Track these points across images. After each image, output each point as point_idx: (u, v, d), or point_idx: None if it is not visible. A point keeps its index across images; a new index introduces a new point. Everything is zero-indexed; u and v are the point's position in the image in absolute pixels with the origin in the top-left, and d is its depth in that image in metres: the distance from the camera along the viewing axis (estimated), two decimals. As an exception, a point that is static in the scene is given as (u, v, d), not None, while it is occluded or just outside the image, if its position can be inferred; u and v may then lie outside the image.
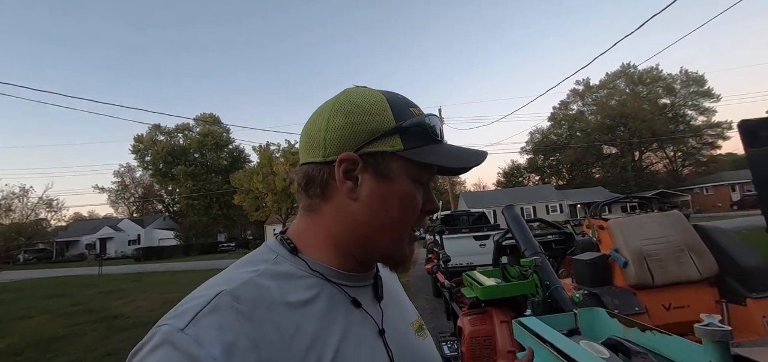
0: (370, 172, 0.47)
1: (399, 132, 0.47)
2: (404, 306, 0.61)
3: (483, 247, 6.92)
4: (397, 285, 0.65)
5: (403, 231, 0.49)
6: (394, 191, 0.47)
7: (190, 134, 45.18)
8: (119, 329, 6.29)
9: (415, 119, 0.48)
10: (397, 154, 0.47)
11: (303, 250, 0.49)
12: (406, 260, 0.52)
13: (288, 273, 0.46)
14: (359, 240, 0.49)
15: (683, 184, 40.73)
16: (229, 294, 0.40)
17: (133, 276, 16.21)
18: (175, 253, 33.85)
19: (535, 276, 1.40)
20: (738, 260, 2.18)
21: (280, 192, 28.07)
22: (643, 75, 47.85)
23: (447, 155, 0.50)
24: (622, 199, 3.10)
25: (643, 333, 0.89)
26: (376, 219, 0.48)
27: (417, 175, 0.49)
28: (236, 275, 0.44)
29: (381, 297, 0.54)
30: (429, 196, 0.52)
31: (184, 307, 0.39)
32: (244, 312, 0.39)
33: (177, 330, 0.36)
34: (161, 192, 52.25)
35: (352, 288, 0.50)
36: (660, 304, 2.22)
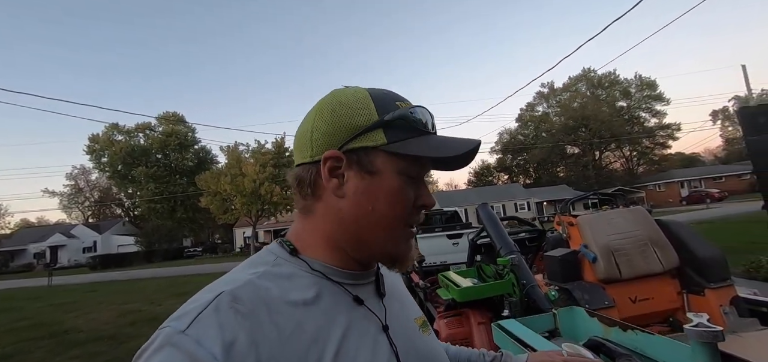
0: (355, 168, 0.47)
1: (382, 126, 0.47)
2: (407, 304, 0.60)
3: (456, 246, 6.99)
4: (400, 283, 0.64)
5: (393, 226, 0.49)
6: (380, 186, 0.47)
7: (152, 134, 42.75)
8: (71, 344, 5.78)
9: (397, 112, 0.47)
10: (380, 149, 0.47)
11: (302, 251, 0.50)
12: (401, 257, 0.50)
13: (288, 274, 0.47)
14: (351, 237, 0.49)
15: (638, 181, 43.56)
16: (229, 295, 0.41)
17: (87, 286, 15.09)
18: (136, 260, 31.93)
19: (512, 276, 1.37)
20: (697, 252, 2.29)
21: (249, 193, 27.12)
22: (602, 79, 50.75)
23: (433, 146, 0.48)
24: (588, 196, 3.21)
25: (624, 332, 0.86)
26: (363, 216, 0.48)
27: (405, 169, 0.48)
28: (237, 277, 0.45)
29: (383, 293, 0.54)
30: (422, 191, 0.50)
31: (185, 309, 0.40)
32: (244, 312, 0.40)
33: (178, 331, 0.37)
34: (120, 195, 49.15)
35: (353, 286, 0.50)
36: (627, 297, 2.29)
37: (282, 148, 32.47)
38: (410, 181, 0.49)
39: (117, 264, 29.69)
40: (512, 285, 1.37)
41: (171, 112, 43.86)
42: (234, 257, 30.28)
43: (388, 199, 0.47)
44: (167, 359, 0.35)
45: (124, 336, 6.12)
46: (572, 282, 2.37)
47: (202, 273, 16.62)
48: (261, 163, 28.54)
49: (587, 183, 44.60)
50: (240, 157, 30.40)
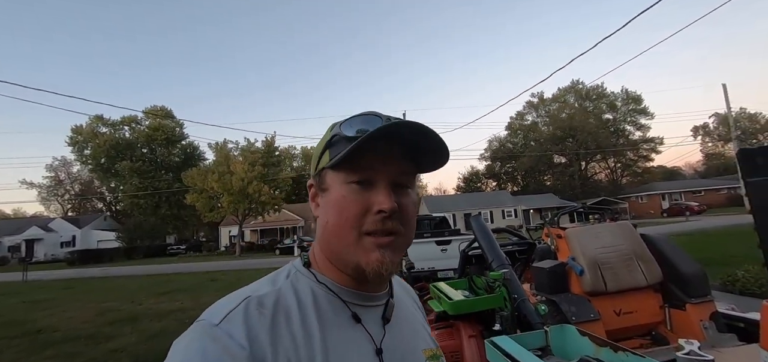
0: (318, 189, 0.55)
1: (327, 147, 0.53)
2: (418, 334, 0.61)
3: (445, 252, 7.01)
4: (417, 312, 0.66)
5: (344, 235, 0.50)
6: (331, 199, 0.51)
7: (138, 127, 41.78)
8: (45, 344, 5.57)
9: (333, 131, 0.53)
10: (327, 168, 0.52)
11: (313, 266, 0.55)
12: (364, 267, 0.50)
13: (301, 285, 0.52)
14: (326, 252, 0.54)
15: (622, 193, 44.60)
16: (256, 300, 0.48)
17: (64, 282, 14.60)
18: (117, 257, 31.07)
19: (504, 290, 1.38)
20: (679, 268, 2.35)
21: (237, 192, 26.72)
22: (590, 91, 51.94)
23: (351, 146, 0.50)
24: (576, 208, 3.27)
25: (615, 353, 0.87)
26: (324, 231, 0.53)
27: (347, 177, 0.50)
28: (262, 286, 0.51)
29: (388, 319, 0.55)
30: (379, 196, 0.50)
31: (219, 308, 0.47)
32: (266, 316, 0.46)
33: (212, 324, 0.44)
34: (102, 189, 47.85)
35: (355, 305, 0.53)
36: (612, 310, 2.34)
37: (272, 147, 32.15)
38: (360, 188, 0.50)
39: (96, 260, 28.82)
40: (504, 299, 1.38)
41: (159, 106, 43.00)
42: (219, 256, 29.75)
43: (335, 209, 0.51)
44: (204, 345, 0.42)
45: (103, 336, 5.93)
46: (559, 294, 2.40)
47: (185, 272, 16.28)
48: (250, 162, 28.16)
49: (573, 192, 45.47)
50: (229, 154, 29.97)
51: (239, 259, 24.35)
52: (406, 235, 0.52)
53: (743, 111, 49.72)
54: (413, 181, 0.55)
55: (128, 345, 5.32)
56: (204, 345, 0.42)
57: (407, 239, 0.53)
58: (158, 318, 7.05)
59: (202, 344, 0.42)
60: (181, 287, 11.24)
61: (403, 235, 0.51)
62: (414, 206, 0.54)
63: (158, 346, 5.17)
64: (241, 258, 25.57)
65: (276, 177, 31.54)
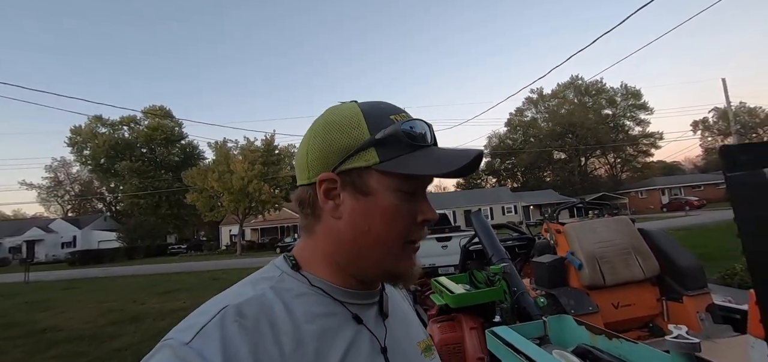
0: (349, 189, 0.47)
1: (374, 145, 0.46)
2: (411, 325, 0.60)
3: (445, 249, 7.05)
4: (405, 303, 0.64)
5: (392, 245, 0.48)
6: (375, 206, 0.46)
7: (138, 127, 41.77)
8: (48, 344, 5.62)
9: (389, 129, 0.46)
10: (373, 168, 0.46)
11: (304, 267, 0.50)
12: (403, 275, 0.50)
13: (291, 290, 0.47)
14: (350, 257, 0.49)
15: (622, 188, 44.70)
16: (234, 309, 0.41)
17: (66, 282, 14.65)
18: (118, 256, 31.12)
19: (504, 283, 1.42)
20: (676, 261, 2.39)
21: (237, 191, 26.76)
22: (589, 87, 51.97)
23: (430, 161, 0.46)
24: (575, 204, 3.32)
25: (610, 340, 0.91)
26: (360, 236, 0.47)
27: (400, 186, 0.46)
28: (242, 292, 0.45)
29: (386, 315, 0.53)
30: (423, 206, 0.49)
31: (190, 322, 0.41)
32: (247, 327, 0.41)
33: (182, 343, 0.38)
34: (102, 189, 47.88)
35: (354, 306, 0.50)
36: (610, 303, 2.38)
37: (272, 145, 32.19)
38: (408, 197, 0.47)
39: (97, 261, 28.88)
40: (504, 292, 1.42)
41: (158, 106, 42.97)
42: (219, 255, 29.81)
43: (385, 219, 0.46)
44: None
45: (106, 335, 5.97)
46: (559, 287, 2.44)
47: (186, 271, 16.33)
48: (250, 161, 28.19)
49: (572, 188, 45.54)
50: (228, 153, 29.99)
51: (240, 258, 24.41)
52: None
53: (743, 105, 49.77)
54: None
55: (132, 345, 5.37)
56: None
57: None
58: (161, 317, 7.10)
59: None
60: (183, 286, 11.30)
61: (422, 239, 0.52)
62: None
63: (162, 344, 5.23)
64: (243, 256, 25.64)
65: (276, 175, 31.57)
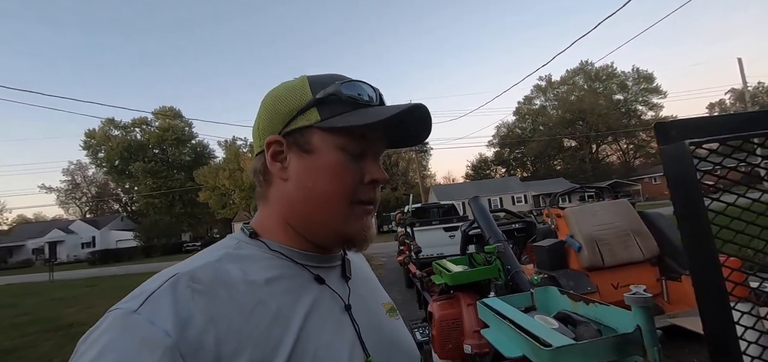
0: (294, 150, 0.48)
1: (315, 104, 0.47)
2: (375, 289, 0.62)
3: (452, 238, 7.14)
4: (368, 269, 0.65)
5: (336, 202, 0.48)
6: (318, 163, 0.47)
7: (149, 129, 42.63)
8: (75, 337, 5.69)
9: (329, 89, 0.47)
10: (315, 127, 0.47)
11: (262, 235, 0.50)
12: (354, 236, 0.50)
13: (248, 256, 0.47)
14: (301, 218, 0.49)
15: (635, 174, 43.90)
16: (186, 275, 0.40)
17: (88, 280, 15.21)
18: (135, 255, 32.00)
19: (498, 262, 1.51)
20: (674, 241, 2.44)
21: (248, 188, 27.24)
22: (599, 72, 50.88)
23: (363, 115, 0.47)
24: (577, 190, 3.37)
25: (587, 306, 1.01)
26: (306, 196, 0.48)
27: (344, 144, 0.47)
28: (195, 260, 0.45)
29: (348, 276, 0.55)
30: (372, 166, 0.50)
31: (138, 291, 0.39)
32: (201, 291, 0.40)
33: (130, 311, 0.36)
34: (117, 190, 49.09)
35: (315, 268, 0.50)
36: (609, 283, 2.45)
37: (280, 142, 32.47)
38: (354, 158, 0.48)
39: (116, 259, 29.77)
40: (498, 270, 1.51)
41: (167, 107, 43.73)
42: (233, 251, 30.38)
43: (328, 176, 0.47)
44: (113, 341, 0.34)
45: (129, 328, 6.26)
46: (559, 270, 2.52)
47: (201, 268, 16.71)
48: (259, 158, 28.54)
49: (584, 176, 44.90)
50: (238, 151, 30.45)
51: (253, 254, 24.85)
52: (377, 204, 0.53)
53: (761, 85, 48.19)
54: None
55: (153, 336, 5.63)
56: (115, 339, 0.34)
57: (377, 208, 0.53)
58: (179, 310, 7.38)
59: (112, 338, 0.34)
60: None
61: (377, 204, 0.52)
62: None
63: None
64: (255, 252, 26.08)
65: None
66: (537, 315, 1.03)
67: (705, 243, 0.39)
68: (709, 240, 0.38)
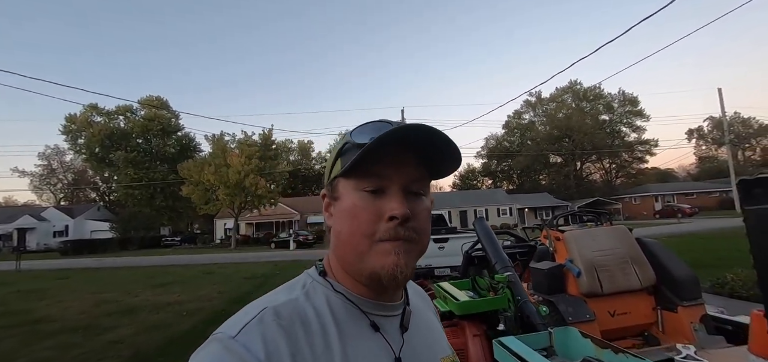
0: (331, 199, 0.55)
1: (339, 156, 0.53)
2: (437, 341, 0.61)
3: (442, 250, 7.09)
4: (435, 320, 0.66)
5: (357, 243, 0.50)
6: (343, 208, 0.51)
7: (133, 117, 41.38)
8: (44, 334, 5.59)
9: (345, 139, 0.53)
10: (339, 176, 0.52)
11: (329, 274, 0.55)
12: (381, 273, 0.48)
13: (319, 295, 0.52)
14: (340, 260, 0.53)
15: (616, 194, 45.06)
16: (272, 310, 0.46)
17: (59, 272, 14.55)
18: (110, 247, 30.92)
19: (508, 292, 1.45)
20: (672, 271, 2.44)
21: (233, 185, 26.64)
22: (587, 92, 52.29)
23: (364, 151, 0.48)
24: (575, 212, 3.36)
25: (616, 355, 0.94)
26: (336, 239, 0.53)
27: (359, 185, 0.50)
28: (278, 296, 0.50)
29: (405, 328, 0.55)
30: (391, 202, 0.49)
31: (234, 320, 0.46)
32: (284, 327, 0.45)
33: (229, 337, 0.43)
34: (96, 179, 47.47)
35: (373, 315, 0.52)
36: (606, 311, 2.42)
37: (269, 140, 32.02)
38: (372, 196, 0.49)
39: (90, 251, 28.69)
40: (508, 300, 1.44)
41: (154, 97, 42.59)
42: (213, 248, 29.72)
43: (347, 217, 0.50)
44: (220, 358, 0.42)
45: (101, 327, 5.95)
46: (557, 294, 2.48)
47: (180, 264, 16.27)
48: (247, 155, 28.03)
49: (567, 192, 45.86)
50: (225, 147, 29.80)
51: (235, 252, 24.34)
52: (421, 242, 0.51)
53: (737, 115, 50.35)
54: (427, 187, 0.54)
55: (126, 337, 5.35)
56: (220, 358, 0.41)
57: (422, 246, 0.51)
58: (155, 310, 7.08)
59: (218, 357, 0.41)
60: (178, 279, 11.25)
61: (417, 242, 0.50)
62: (428, 212, 0.53)
63: (157, 338, 5.22)
64: (237, 251, 25.56)
65: (273, 170, 31.45)
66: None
67: None
68: None
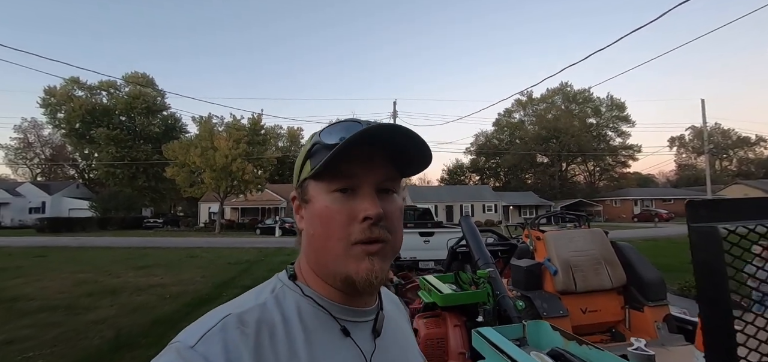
0: (300, 201, 0.53)
1: (308, 157, 0.52)
2: (408, 350, 0.60)
3: (427, 243, 7.22)
4: (406, 327, 0.64)
5: (331, 246, 0.48)
6: (314, 210, 0.50)
7: (117, 94, 40.04)
8: (21, 313, 5.49)
9: (313, 140, 0.52)
10: (309, 178, 0.51)
11: (299, 278, 0.53)
12: (356, 278, 0.48)
13: (288, 299, 0.50)
14: (314, 263, 0.52)
15: (598, 196, 46.32)
16: (236, 317, 0.44)
17: (36, 250, 14.14)
18: (89, 226, 30.07)
19: (488, 287, 1.54)
20: (641, 273, 2.60)
21: (220, 169, 26.23)
22: (576, 94, 53.26)
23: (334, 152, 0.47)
24: (558, 214, 3.52)
25: (579, 346, 1.04)
26: (311, 243, 0.51)
27: (330, 186, 0.49)
28: (244, 301, 0.48)
29: (377, 333, 0.54)
30: (364, 202, 0.48)
31: (194, 328, 0.43)
32: (248, 334, 0.43)
33: (188, 346, 0.41)
34: (75, 155, 45.91)
35: (344, 320, 0.51)
36: (578, 308, 2.57)
37: (258, 125, 31.57)
38: (344, 197, 0.49)
39: (68, 229, 27.86)
40: (487, 294, 1.54)
41: (140, 74, 41.28)
42: (197, 232, 29.29)
43: (319, 220, 0.49)
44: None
45: (81, 307, 5.88)
46: (533, 290, 2.62)
47: (163, 246, 16.02)
48: (235, 139, 27.59)
49: (552, 192, 46.86)
50: (213, 129, 29.24)
51: (219, 237, 24.08)
52: (394, 242, 0.50)
53: (718, 126, 52.19)
54: (398, 186, 0.53)
55: (108, 317, 5.32)
56: None
57: (395, 246, 0.51)
58: (138, 292, 7.02)
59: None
60: (160, 262, 11.12)
61: (390, 242, 0.49)
62: (400, 211, 0.53)
63: (140, 319, 5.20)
64: (221, 235, 25.30)
65: (261, 156, 31.07)
66: (533, 352, 1.06)
67: (724, 331, 0.40)
68: (729, 328, 0.39)
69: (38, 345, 4.20)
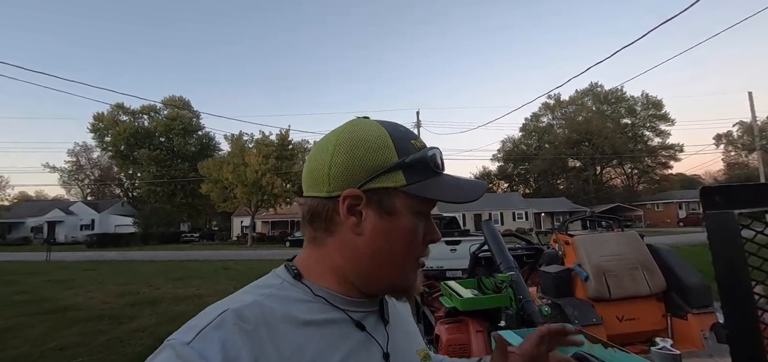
0: (374, 208, 0.48)
1: (402, 167, 0.48)
2: (411, 334, 0.62)
3: (454, 252, 7.11)
4: (406, 310, 0.65)
5: (406, 264, 0.51)
6: (398, 226, 0.49)
7: (157, 117, 42.85)
8: (71, 322, 5.91)
9: (417, 154, 0.49)
10: (399, 190, 0.48)
11: (307, 277, 0.51)
12: (409, 289, 0.53)
13: (291, 297, 0.48)
14: (363, 273, 0.50)
15: (637, 200, 43.71)
16: (234, 313, 0.42)
17: (86, 264, 15.20)
18: (133, 241, 32.05)
19: (510, 291, 1.50)
20: (682, 278, 2.42)
21: (250, 184, 27.26)
22: (608, 95, 50.98)
23: (448, 188, 0.50)
24: (586, 216, 3.36)
25: (605, 349, 0.99)
26: (379, 255, 0.49)
27: (419, 208, 0.50)
28: (242, 297, 0.47)
29: (387, 320, 0.54)
30: (430, 226, 0.52)
31: (191, 324, 0.42)
32: (247, 330, 0.41)
33: (183, 344, 0.39)
34: (120, 175, 49.29)
35: (356, 313, 0.51)
36: (614, 316, 2.42)
37: (286, 140, 32.59)
38: (421, 218, 0.51)
39: (114, 244, 29.84)
40: (510, 299, 1.50)
41: (177, 97, 44.00)
42: (230, 245, 30.42)
43: (405, 238, 0.49)
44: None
45: (125, 316, 6.25)
46: (564, 298, 2.50)
47: (199, 259, 16.77)
48: (264, 155, 28.61)
49: (586, 197, 44.72)
50: (243, 146, 30.50)
51: (251, 249, 24.87)
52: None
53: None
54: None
55: (149, 326, 5.61)
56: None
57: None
58: (176, 302, 7.37)
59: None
60: (196, 274, 11.62)
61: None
62: None
63: (178, 328, 5.44)
64: (253, 248, 26.11)
65: (289, 170, 31.99)
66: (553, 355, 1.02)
67: (747, 317, 0.38)
68: (752, 313, 0.37)
69: (87, 352, 4.50)
